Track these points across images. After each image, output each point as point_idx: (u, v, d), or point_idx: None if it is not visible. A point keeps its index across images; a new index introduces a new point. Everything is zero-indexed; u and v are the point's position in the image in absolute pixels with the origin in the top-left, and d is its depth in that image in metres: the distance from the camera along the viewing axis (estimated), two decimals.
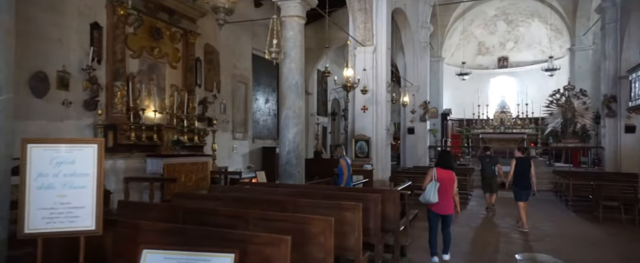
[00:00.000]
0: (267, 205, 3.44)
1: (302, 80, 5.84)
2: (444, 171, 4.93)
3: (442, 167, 4.97)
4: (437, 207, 4.90)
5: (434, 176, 4.88)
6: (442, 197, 4.82)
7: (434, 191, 4.78)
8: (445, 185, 4.85)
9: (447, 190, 4.87)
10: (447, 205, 4.92)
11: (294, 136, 5.71)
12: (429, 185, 4.85)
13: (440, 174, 4.88)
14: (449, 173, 4.94)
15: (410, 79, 15.20)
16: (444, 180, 4.86)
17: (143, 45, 8.71)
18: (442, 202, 4.85)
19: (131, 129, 7.90)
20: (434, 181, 4.84)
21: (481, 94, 20.93)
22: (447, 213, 4.98)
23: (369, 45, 9.39)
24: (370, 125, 9.32)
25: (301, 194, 4.02)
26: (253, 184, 5.31)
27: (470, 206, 9.62)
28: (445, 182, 4.86)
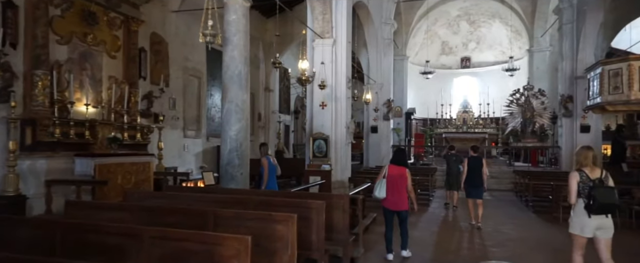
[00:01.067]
0: (182, 217, 2.77)
1: (247, 70, 5.17)
2: (396, 167, 5.01)
3: (394, 164, 5.06)
4: (389, 203, 4.99)
5: (384, 173, 5.00)
6: (392, 193, 4.91)
7: (381, 187, 4.91)
8: (396, 182, 4.91)
9: (400, 186, 4.93)
10: (399, 201, 4.97)
11: (236, 133, 5.02)
12: (378, 182, 4.99)
13: (392, 171, 4.98)
14: (400, 170, 5.00)
15: (374, 77, 14.81)
16: (394, 176, 4.93)
17: (73, 30, 7.70)
18: (392, 198, 4.93)
19: (55, 124, 6.91)
20: (383, 177, 4.97)
21: (444, 93, 20.97)
22: (400, 210, 5.03)
23: (327, 38, 8.81)
24: (329, 123, 8.75)
25: (233, 202, 3.37)
26: (182, 189, 4.58)
27: (432, 208, 9.27)
28: (396, 179, 4.92)
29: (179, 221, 2.70)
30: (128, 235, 2.21)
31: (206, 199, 3.49)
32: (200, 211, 2.77)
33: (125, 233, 2.22)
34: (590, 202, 3.61)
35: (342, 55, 8.97)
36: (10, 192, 6.18)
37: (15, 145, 6.24)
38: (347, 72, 9.21)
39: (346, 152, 9.14)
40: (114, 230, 2.23)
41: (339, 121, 8.86)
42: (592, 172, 3.75)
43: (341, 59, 8.96)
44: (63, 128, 7.14)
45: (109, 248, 2.15)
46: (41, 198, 6.69)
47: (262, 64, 16.35)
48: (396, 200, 4.95)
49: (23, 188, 6.65)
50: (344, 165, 8.99)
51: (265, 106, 16.73)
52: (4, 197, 6.13)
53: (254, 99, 15.87)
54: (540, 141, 15.16)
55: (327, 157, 8.54)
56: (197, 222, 2.68)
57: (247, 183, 5.25)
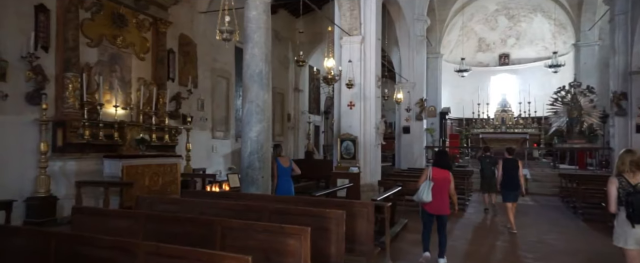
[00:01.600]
0: (189, 227, 2.56)
1: (268, 69, 4.93)
2: (440, 171, 4.90)
3: (438, 166, 4.95)
4: (431, 207, 4.87)
5: (428, 175, 4.86)
6: (436, 196, 4.80)
7: (427, 190, 4.77)
8: (440, 185, 4.81)
9: (443, 190, 4.83)
10: (441, 206, 4.87)
11: (257, 134, 4.80)
12: (423, 184, 4.85)
13: (436, 174, 4.85)
14: (444, 173, 4.90)
15: (406, 75, 14.29)
16: (438, 179, 4.81)
17: (103, 33, 7.80)
18: (436, 202, 4.81)
19: (85, 126, 6.99)
20: (428, 180, 4.83)
21: (481, 92, 20.03)
22: (441, 214, 4.92)
23: (356, 35, 8.47)
24: (357, 123, 8.40)
25: (246, 210, 3.13)
26: (198, 194, 4.39)
27: (469, 213, 8.71)
28: (440, 182, 4.82)
29: (186, 231, 2.49)
30: (123, 249, 2.01)
31: (220, 206, 3.28)
32: (207, 221, 2.54)
33: (121, 247, 2.02)
34: (629, 210, 3.25)
35: (371, 52, 8.60)
36: (41, 193, 6.28)
37: (46, 146, 6.34)
38: (377, 70, 8.83)
39: (376, 153, 8.76)
40: (109, 243, 2.04)
41: (368, 121, 8.49)
42: (634, 178, 3.39)
43: (370, 56, 8.59)
44: (92, 129, 7.22)
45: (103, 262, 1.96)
46: (72, 199, 6.78)
47: (292, 64, 16.21)
48: (439, 204, 4.86)
49: (54, 189, 6.78)
50: (373, 167, 8.61)
51: (295, 107, 16.59)
52: (36, 198, 6.24)
53: (283, 99, 15.76)
54: (588, 142, 14.05)
55: (356, 159, 8.20)
56: (204, 233, 2.46)
57: (269, 187, 5.02)
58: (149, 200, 3.57)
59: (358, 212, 3.36)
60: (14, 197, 6.26)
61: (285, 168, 5.72)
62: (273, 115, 15.04)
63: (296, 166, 5.92)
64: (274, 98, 15.16)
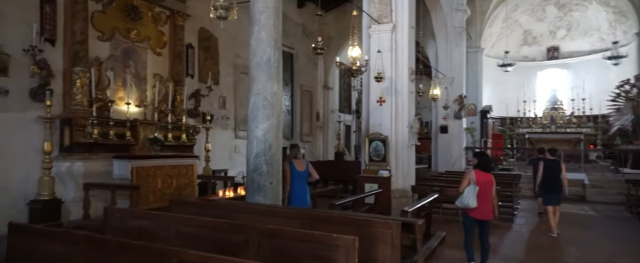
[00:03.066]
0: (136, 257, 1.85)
1: (278, 56, 4.19)
2: (483, 174, 4.70)
3: (481, 169, 4.74)
4: (476, 212, 4.68)
5: (472, 179, 4.66)
6: (480, 201, 4.61)
7: (472, 195, 4.59)
8: (484, 189, 4.63)
9: (487, 194, 4.66)
10: (486, 210, 4.69)
11: (264, 133, 4.07)
12: (467, 189, 4.65)
13: (479, 177, 4.66)
14: (487, 176, 4.73)
15: (443, 70, 13.16)
16: (482, 183, 4.63)
17: (115, 26, 7.38)
18: (480, 207, 4.63)
19: (94, 124, 6.56)
20: (473, 184, 4.63)
21: (527, 88, 18.39)
22: (485, 219, 4.72)
23: (386, 23, 7.57)
24: (387, 121, 7.50)
25: (229, 230, 2.40)
26: (188, 203, 3.69)
27: (518, 225, 7.57)
28: (484, 186, 4.64)
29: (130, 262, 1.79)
30: None
31: (198, 223, 2.56)
32: (161, 251, 1.85)
33: None
34: None
35: (403, 42, 7.67)
36: (45, 196, 5.88)
37: (50, 146, 5.94)
38: (410, 62, 7.88)
39: (409, 155, 7.82)
40: None
41: (400, 119, 7.58)
42: None
43: (402, 46, 7.67)
44: (102, 128, 6.79)
45: None
46: (80, 202, 6.36)
47: (321, 61, 15.47)
48: (483, 209, 4.66)
49: (63, 192, 6.40)
50: (406, 170, 7.67)
51: (324, 105, 15.82)
52: (39, 202, 5.84)
53: (312, 97, 15.05)
54: None
55: (386, 161, 7.30)
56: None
57: (279, 195, 4.28)
58: (119, 213, 2.94)
59: (379, 234, 2.55)
60: (18, 199, 5.92)
61: (300, 172, 4.92)
62: (300, 115, 14.57)
63: (314, 170, 5.11)
64: (302, 96, 14.49)
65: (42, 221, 5.77)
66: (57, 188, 6.32)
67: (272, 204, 3.90)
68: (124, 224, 2.75)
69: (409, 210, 4.56)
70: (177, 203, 3.62)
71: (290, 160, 4.94)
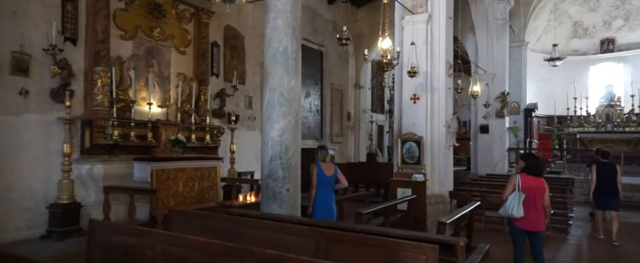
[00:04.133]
0: None
1: (296, 47, 3.73)
2: (532, 178, 4.08)
3: (529, 173, 4.11)
4: (524, 222, 4.08)
5: (517, 184, 4.05)
6: (529, 210, 4.03)
7: (518, 203, 4.00)
8: (533, 196, 4.03)
9: (536, 201, 4.05)
10: (535, 220, 4.06)
11: (280, 133, 3.61)
12: (511, 196, 4.07)
13: (527, 182, 4.06)
14: (538, 181, 4.09)
15: (483, 65, 12.24)
16: (531, 189, 4.03)
17: (138, 24, 7.22)
18: (529, 217, 4.05)
19: (114, 125, 6.39)
20: (518, 191, 4.03)
21: (578, 84, 16.92)
22: (535, 230, 4.10)
23: (421, 13, 6.93)
24: (422, 121, 6.85)
25: (224, 254, 1.94)
26: (188, 213, 3.27)
27: (573, 236, 6.69)
28: (533, 192, 4.03)
29: None
30: None
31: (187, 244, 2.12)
32: None
33: None
34: None
35: (440, 33, 7.00)
36: (64, 200, 5.74)
37: (69, 148, 5.80)
38: (448, 55, 7.20)
39: (446, 157, 7.13)
40: None
41: (435, 118, 6.91)
42: None
43: (439, 38, 7.00)
44: (123, 129, 6.63)
45: None
46: (101, 206, 6.19)
47: (352, 58, 14.92)
48: (533, 219, 4.04)
49: (84, 195, 6.27)
50: (443, 174, 7.00)
51: (356, 104, 15.25)
52: (58, 205, 5.70)
53: (342, 96, 14.53)
54: None
55: (420, 164, 6.66)
56: None
57: (297, 203, 3.81)
58: (104, 227, 2.58)
59: (410, 261, 2.00)
60: (39, 203, 5.82)
61: (327, 177, 4.42)
62: (330, 114, 14.08)
63: (343, 176, 4.59)
64: (333, 95, 14.00)
65: (61, 225, 5.65)
66: (79, 191, 6.20)
67: (286, 216, 3.43)
68: (109, 239, 2.40)
69: (447, 221, 3.96)
70: (177, 213, 3.25)
71: (317, 163, 4.46)
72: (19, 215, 5.61)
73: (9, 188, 5.53)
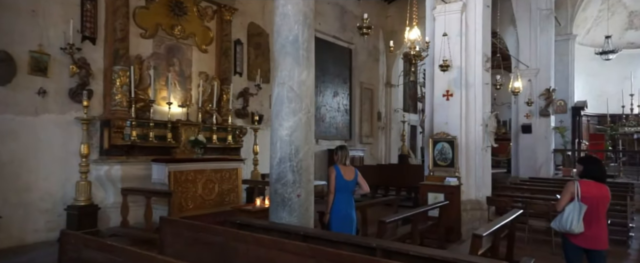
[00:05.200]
0: None
1: (308, 35, 3.31)
2: (594, 185, 3.44)
3: (591, 179, 3.47)
4: (582, 239, 3.42)
5: (577, 193, 3.40)
6: (590, 224, 3.38)
7: (578, 216, 3.34)
8: (595, 207, 3.38)
9: (599, 214, 3.44)
10: (597, 236, 3.43)
11: (290, 132, 3.21)
12: (570, 207, 3.41)
13: (588, 190, 3.40)
14: (601, 189, 3.45)
15: (525, 60, 11.32)
16: (593, 199, 3.38)
17: (159, 23, 7.09)
18: (590, 232, 3.39)
19: (133, 125, 6.25)
20: (578, 201, 3.38)
21: (634, 80, 15.43)
22: (598, 248, 3.45)
23: (454, 2, 6.33)
24: (456, 119, 6.24)
25: None
26: (180, 224, 2.94)
27: (634, 250, 5.85)
28: (596, 202, 3.39)
29: None
30: None
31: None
32: None
33: None
34: None
35: (476, 24, 6.37)
36: (81, 202, 5.63)
37: (87, 149, 5.69)
38: (485, 47, 6.55)
39: (483, 159, 6.48)
40: None
41: (471, 116, 6.29)
42: None
43: (475, 29, 6.37)
44: (142, 129, 6.49)
45: None
46: (119, 208, 6.07)
47: (383, 56, 14.35)
48: (595, 235, 3.40)
49: (103, 197, 6.18)
50: (479, 178, 6.35)
51: (387, 104, 14.65)
52: (75, 207, 5.60)
53: (373, 95, 13.99)
54: None
55: (454, 166, 6.06)
56: None
57: (310, 211, 3.39)
58: (74, 239, 2.29)
59: None
60: (58, 204, 5.76)
61: (347, 182, 3.97)
62: (360, 114, 13.57)
63: (364, 181, 4.11)
64: (362, 94, 13.49)
65: (78, 228, 5.52)
66: (98, 193, 6.12)
67: (293, 226, 3.01)
68: (81, 255, 2.11)
69: (483, 234, 3.40)
70: (170, 223, 2.93)
71: (336, 165, 4.02)
72: (38, 216, 5.57)
73: (28, 189, 5.49)
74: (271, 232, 2.80)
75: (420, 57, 5.02)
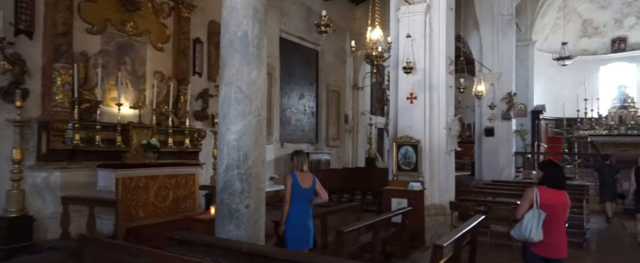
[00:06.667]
0: None
1: (258, 31, 3.04)
2: (553, 193, 3.33)
3: (549, 186, 3.35)
4: (542, 248, 3.30)
5: (536, 200, 3.29)
6: (549, 232, 3.27)
7: (536, 224, 3.24)
8: (554, 215, 3.28)
9: (559, 222, 3.34)
10: (558, 245, 3.32)
11: (238, 137, 2.91)
12: (528, 215, 3.31)
13: (548, 197, 3.30)
14: (560, 196, 3.35)
15: (488, 64, 11.51)
16: (553, 206, 3.29)
17: (108, 18, 6.59)
18: (549, 240, 3.28)
19: (75, 128, 5.73)
20: (536, 208, 3.28)
21: (588, 85, 16.10)
22: (558, 258, 3.33)
23: (418, 3, 6.24)
24: (420, 122, 6.14)
25: None
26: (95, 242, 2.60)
27: (591, 252, 5.92)
28: (556, 210, 3.30)
29: None
30: None
31: None
32: None
33: None
34: None
35: (440, 26, 6.30)
36: (12, 213, 5.06)
37: (20, 154, 5.14)
38: (448, 50, 6.49)
39: (447, 163, 6.41)
40: None
41: (435, 120, 6.20)
42: None
43: (439, 31, 6.30)
44: (88, 133, 5.97)
45: None
46: (58, 218, 5.52)
47: (350, 58, 14.24)
48: (554, 243, 3.30)
49: (41, 207, 5.61)
50: (443, 182, 6.27)
51: (354, 106, 14.55)
52: (4, 219, 5.02)
53: (339, 97, 13.84)
54: None
55: (418, 170, 5.94)
56: None
57: (260, 223, 3.10)
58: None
59: None
60: None
61: (304, 190, 3.71)
62: (327, 117, 13.39)
63: (322, 189, 3.86)
64: (329, 97, 13.32)
65: (7, 242, 4.97)
66: (35, 202, 5.57)
67: (236, 243, 2.70)
68: None
69: (443, 244, 3.24)
70: (90, 242, 2.58)
71: (292, 172, 3.75)
72: None
73: None
74: (213, 248, 2.50)
75: (382, 58, 4.86)
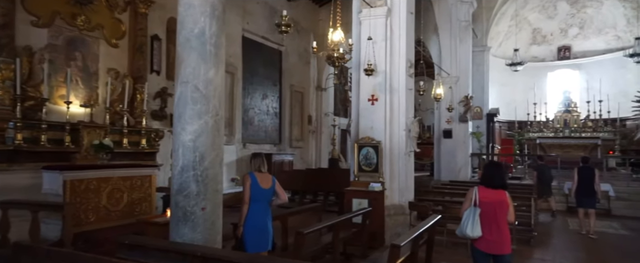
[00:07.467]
0: None
1: (216, 28, 2.97)
2: (491, 191, 3.51)
3: (488, 186, 3.54)
4: (483, 244, 3.48)
5: (474, 199, 3.50)
6: (489, 228, 3.44)
7: (472, 221, 3.44)
8: (492, 212, 3.46)
9: (498, 218, 3.47)
10: (499, 241, 3.47)
11: (194, 137, 2.83)
12: (466, 212, 3.52)
13: (485, 196, 3.51)
14: (499, 194, 3.51)
15: (447, 68, 11.92)
16: (490, 204, 3.47)
17: (56, 10, 6.21)
18: (490, 237, 3.45)
19: (16, 127, 5.35)
20: (472, 206, 3.50)
21: (537, 90, 17.12)
22: (500, 253, 3.48)
23: (380, 7, 6.35)
24: (381, 124, 6.25)
25: None
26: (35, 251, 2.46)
27: (538, 249, 6.26)
28: (494, 207, 3.47)
29: None
30: None
31: None
32: None
33: None
34: None
35: (400, 29, 6.45)
36: None
37: None
38: (409, 53, 6.66)
39: (406, 164, 6.56)
40: None
41: (395, 121, 6.33)
42: None
43: (399, 34, 6.44)
44: (33, 132, 5.59)
45: None
46: None
47: (313, 59, 14.27)
48: (495, 240, 3.45)
49: None
50: (403, 182, 6.42)
51: (317, 107, 14.60)
52: None
53: (303, 98, 13.84)
54: None
55: (378, 171, 6.04)
56: None
57: (217, 226, 3.03)
58: None
59: None
60: None
61: (263, 190, 3.67)
62: (290, 118, 13.34)
63: (282, 190, 3.84)
64: (292, 97, 13.28)
65: None
66: None
67: (190, 247, 2.61)
68: None
69: (400, 244, 3.31)
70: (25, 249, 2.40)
71: (251, 173, 3.70)
72: None
73: None
74: (167, 253, 2.40)
75: (343, 60, 4.91)
